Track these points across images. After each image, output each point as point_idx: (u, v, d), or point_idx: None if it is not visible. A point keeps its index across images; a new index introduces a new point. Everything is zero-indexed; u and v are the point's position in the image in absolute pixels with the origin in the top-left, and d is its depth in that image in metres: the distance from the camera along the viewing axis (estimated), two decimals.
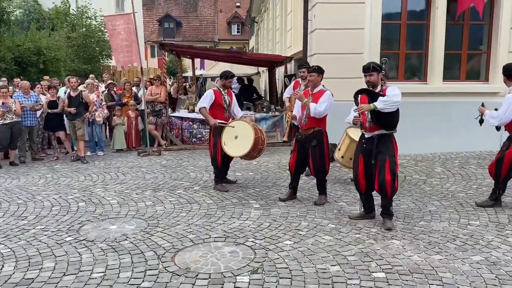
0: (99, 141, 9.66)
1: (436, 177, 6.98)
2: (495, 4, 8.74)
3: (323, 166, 5.53)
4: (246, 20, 35.52)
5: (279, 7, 15.10)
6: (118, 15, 12.06)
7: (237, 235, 4.58)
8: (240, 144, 5.96)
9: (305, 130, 5.53)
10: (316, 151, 5.45)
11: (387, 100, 4.43)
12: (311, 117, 5.42)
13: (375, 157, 4.64)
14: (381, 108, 4.44)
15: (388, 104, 4.43)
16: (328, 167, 5.62)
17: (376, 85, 4.64)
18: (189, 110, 10.69)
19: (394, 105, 4.45)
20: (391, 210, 4.78)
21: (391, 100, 4.43)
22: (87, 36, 21.65)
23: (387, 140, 4.64)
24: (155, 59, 38.71)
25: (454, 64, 9.02)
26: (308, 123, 5.48)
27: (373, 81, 4.63)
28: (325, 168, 5.57)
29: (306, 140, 5.51)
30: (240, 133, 6.02)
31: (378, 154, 4.63)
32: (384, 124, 4.58)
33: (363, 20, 8.45)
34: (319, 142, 5.44)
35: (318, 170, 5.52)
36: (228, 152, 6.08)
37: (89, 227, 4.91)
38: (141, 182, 6.96)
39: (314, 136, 5.45)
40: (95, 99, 9.41)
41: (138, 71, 11.75)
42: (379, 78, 4.64)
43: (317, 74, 5.48)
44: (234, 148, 6.02)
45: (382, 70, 4.66)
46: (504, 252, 4.05)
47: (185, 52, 13.22)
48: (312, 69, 5.54)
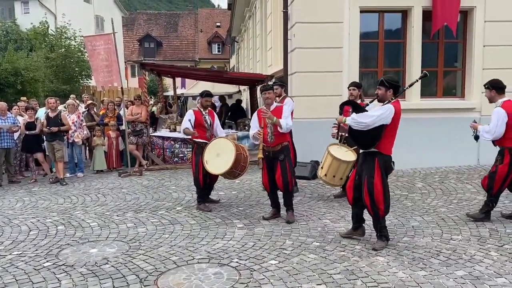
0: (79, 162, 9.49)
1: (417, 192, 7.05)
2: (468, 23, 9.03)
3: (292, 179, 5.61)
4: (226, 39, 35.84)
5: (259, 27, 15.29)
6: (98, 35, 12.03)
7: (221, 256, 4.51)
8: (221, 162, 5.92)
9: (273, 147, 5.57)
10: (285, 164, 5.52)
11: (355, 119, 4.43)
12: (277, 133, 5.50)
13: (359, 174, 4.66)
14: (349, 124, 4.47)
15: (355, 122, 4.42)
16: (295, 180, 5.71)
17: (383, 99, 4.56)
18: (170, 130, 10.63)
19: (360, 125, 4.39)
20: (381, 232, 4.63)
21: (358, 120, 4.40)
22: (66, 56, 21.46)
23: (370, 159, 4.57)
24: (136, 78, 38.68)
25: (431, 81, 9.23)
26: (276, 140, 5.55)
27: (380, 95, 4.58)
28: (292, 182, 5.66)
29: (275, 156, 5.56)
30: (222, 150, 5.99)
31: (361, 172, 4.64)
32: (356, 141, 4.60)
33: (341, 39, 8.62)
34: (286, 156, 5.55)
35: (287, 183, 5.53)
36: (210, 169, 6.01)
37: (68, 251, 4.77)
38: (122, 204, 6.83)
39: (282, 151, 5.54)
40: (75, 119, 9.29)
41: (118, 91, 11.68)
42: (386, 94, 4.51)
43: (273, 90, 5.74)
44: (216, 165, 5.98)
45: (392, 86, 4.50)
46: (487, 266, 4.08)
47: (166, 72, 13.22)
48: (269, 87, 5.72)
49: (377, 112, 4.42)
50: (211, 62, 45.06)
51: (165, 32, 49.19)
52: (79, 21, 25.71)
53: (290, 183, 5.58)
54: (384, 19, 8.96)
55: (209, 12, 54.05)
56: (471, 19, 8.92)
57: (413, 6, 8.69)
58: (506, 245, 4.62)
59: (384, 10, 8.86)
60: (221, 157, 5.94)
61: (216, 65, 42.02)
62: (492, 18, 8.77)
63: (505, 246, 4.58)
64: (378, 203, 4.53)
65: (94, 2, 32.12)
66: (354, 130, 4.48)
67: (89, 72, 20.95)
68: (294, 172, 5.73)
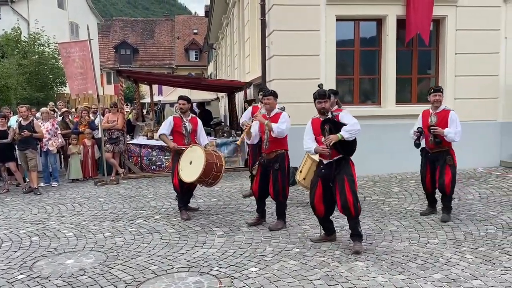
0: (54, 171, 9.28)
1: (394, 197, 7.17)
2: (440, 31, 9.29)
3: (284, 189, 5.54)
4: (203, 46, 35.84)
5: (237, 34, 15.35)
6: (73, 42, 11.85)
7: (201, 264, 4.47)
8: (192, 170, 5.91)
9: (268, 154, 5.55)
10: (278, 174, 5.47)
11: (351, 130, 4.55)
12: (272, 139, 5.47)
13: (333, 180, 4.70)
14: (347, 137, 4.55)
15: (353, 133, 4.57)
16: (288, 191, 5.65)
17: (328, 111, 4.72)
18: (147, 137, 10.52)
19: (357, 133, 4.60)
20: (359, 231, 4.75)
21: (354, 129, 4.57)
22: (40, 63, 21.00)
23: (345, 162, 4.70)
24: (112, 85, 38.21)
25: (406, 87, 9.44)
26: (270, 147, 5.52)
27: (327, 108, 4.72)
28: (285, 192, 5.57)
29: (269, 164, 5.53)
30: (194, 159, 5.97)
31: (336, 176, 4.69)
32: (346, 151, 4.67)
33: (318, 47, 8.73)
34: (281, 166, 5.47)
35: (279, 194, 5.51)
36: (182, 177, 6.00)
37: (43, 263, 4.65)
38: (99, 213, 6.70)
39: (276, 160, 5.48)
40: (50, 127, 9.09)
41: (94, 98, 11.51)
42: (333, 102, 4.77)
43: (273, 97, 5.63)
44: (187, 173, 5.96)
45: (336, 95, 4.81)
46: (462, 269, 4.17)
47: (143, 78, 13.11)
48: (269, 93, 5.64)
49: (354, 120, 4.65)
50: (188, 69, 44.94)
51: (141, 39, 48.86)
52: (53, 27, 25.23)
53: (280, 193, 5.51)
54: (360, 27, 9.13)
55: (186, 19, 54.02)
56: (443, 27, 9.18)
57: (387, 15, 8.89)
58: (480, 247, 4.74)
59: (360, 18, 9.03)
60: (193, 165, 5.93)
61: (193, 72, 41.94)
62: (463, 27, 9.05)
63: (480, 249, 4.69)
64: (358, 200, 4.68)
65: (68, 9, 31.59)
66: (347, 142, 4.58)
67: (63, 79, 20.55)
68: (287, 183, 5.59)
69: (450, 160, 5.68)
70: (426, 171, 5.92)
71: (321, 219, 4.98)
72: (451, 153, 5.72)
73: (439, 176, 5.71)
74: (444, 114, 5.70)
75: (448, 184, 5.65)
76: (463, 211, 6.14)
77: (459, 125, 5.60)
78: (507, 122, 9.50)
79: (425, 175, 5.95)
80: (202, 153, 5.92)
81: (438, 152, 5.72)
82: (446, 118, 5.65)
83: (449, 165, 5.67)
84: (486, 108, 9.25)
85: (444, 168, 5.66)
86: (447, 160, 5.66)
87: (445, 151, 5.70)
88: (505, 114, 9.51)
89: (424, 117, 5.92)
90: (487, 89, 9.25)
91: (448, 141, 5.63)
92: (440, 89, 5.83)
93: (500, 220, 5.70)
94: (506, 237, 5.04)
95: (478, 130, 8.78)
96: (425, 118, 5.91)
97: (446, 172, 5.65)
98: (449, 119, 5.62)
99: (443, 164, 5.67)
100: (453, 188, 5.73)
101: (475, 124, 8.83)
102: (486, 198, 6.86)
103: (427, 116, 5.89)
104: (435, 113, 5.78)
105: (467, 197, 6.93)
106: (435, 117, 5.76)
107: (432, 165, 5.83)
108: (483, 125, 9.14)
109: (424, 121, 5.87)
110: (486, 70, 9.19)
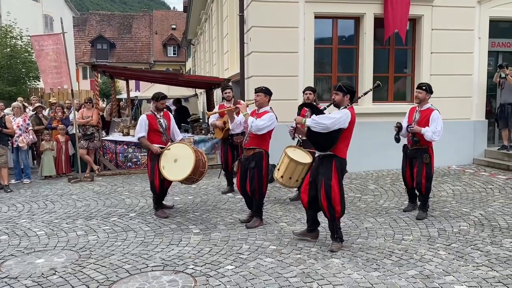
0: (25, 168, 9.02)
1: (370, 194, 7.23)
2: (416, 30, 9.41)
3: (260, 188, 5.49)
4: (182, 42, 35.48)
5: (215, 30, 15.23)
6: (46, 35, 11.51)
7: (176, 262, 4.41)
8: (180, 168, 5.78)
9: (247, 151, 5.51)
10: (254, 172, 5.43)
11: (315, 120, 4.48)
12: (252, 136, 5.42)
13: (316, 176, 4.69)
14: (309, 125, 4.50)
15: (315, 123, 4.46)
16: (265, 189, 5.61)
17: (339, 105, 4.62)
18: (123, 134, 10.33)
19: (320, 125, 4.44)
20: (337, 233, 4.70)
21: (318, 121, 4.46)
22: (12, 56, 20.38)
23: (327, 161, 4.60)
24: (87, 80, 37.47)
25: (382, 86, 9.52)
26: (249, 142, 5.48)
27: (337, 101, 4.63)
28: (261, 191, 5.52)
29: (246, 161, 5.50)
30: (180, 156, 5.84)
31: (318, 175, 4.66)
32: (314, 142, 4.64)
33: (297, 44, 8.73)
34: (257, 164, 5.42)
35: (255, 192, 5.48)
36: (168, 176, 5.85)
37: (12, 263, 4.50)
38: (72, 211, 6.55)
39: (253, 158, 5.43)
40: (21, 123, 8.82)
41: (69, 93, 11.24)
42: (344, 99, 4.59)
43: (264, 94, 5.53)
44: (174, 172, 5.82)
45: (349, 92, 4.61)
46: (436, 265, 4.23)
47: (119, 74, 12.87)
48: (260, 89, 5.56)
49: (336, 115, 4.50)
50: (166, 65, 44.48)
51: (118, 34, 48.05)
52: (26, 20, 24.51)
53: (257, 191, 5.46)
54: (338, 25, 9.17)
55: (164, 14, 53.36)
56: (419, 27, 9.31)
57: (365, 13, 8.95)
58: (453, 244, 4.82)
59: (338, 16, 9.06)
60: (179, 163, 5.80)
61: (171, 68, 41.52)
62: (438, 26, 9.20)
63: (453, 245, 4.77)
64: (335, 205, 4.58)
65: (42, 1, 30.71)
66: (312, 131, 4.52)
67: (37, 73, 20.00)
68: (264, 182, 5.52)
69: (427, 159, 5.73)
70: (406, 167, 6.01)
71: (306, 211, 4.93)
72: (430, 152, 5.77)
73: (416, 174, 5.79)
74: (427, 113, 5.73)
75: (424, 183, 5.73)
76: (437, 208, 6.24)
77: (440, 125, 5.62)
78: (480, 121, 9.72)
79: (405, 171, 6.04)
80: (189, 150, 5.82)
81: (417, 149, 5.79)
82: (428, 116, 5.69)
83: (425, 163, 5.73)
84: (460, 107, 9.44)
85: (421, 167, 5.74)
86: (423, 159, 5.73)
87: (424, 149, 5.75)
88: (478, 113, 9.72)
89: (410, 114, 5.99)
90: (461, 88, 9.44)
91: (427, 140, 5.68)
92: (422, 86, 5.82)
93: (473, 216, 5.82)
94: (478, 234, 5.14)
95: (452, 129, 8.93)
96: (410, 114, 5.97)
97: (422, 171, 5.73)
98: (431, 118, 5.66)
99: (420, 163, 5.75)
100: (429, 187, 5.80)
101: (450, 122, 8.95)
102: (460, 195, 6.99)
103: (412, 112, 5.95)
104: (420, 110, 5.84)
105: (441, 194, 7.05)
106: (418, 114, 5.81)
107: (411, 161, 5.92)
108: (457, 124, 9.31)
109: (410, 118, 5.93)
110: (461, 69, 9.37)
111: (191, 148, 5.87)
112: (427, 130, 5.60)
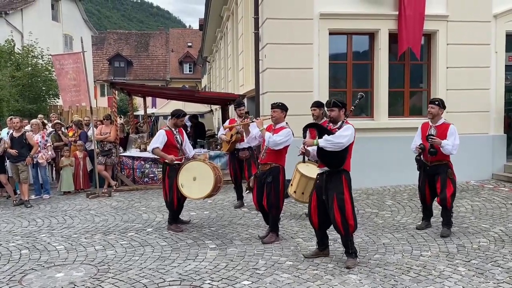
0: (45, 184, 9.19)
1: (387, 209, 7.17)
2: (431, 45, 9.40)
3: (277, 203, 5.50)
4: (198, 59, 35.98)
5: (231, 47, 15.44)
6: (67, 54, 11.83)
7: (193, 277, 4.42)
8: (200, 186, 5.88)
9: (263, 165, 5.54)
10: (271, 187, 5.44)
11: (330, 140, 4.44)
12: (269, 151, 5.46)
13: (326, 193, 4.66)
14: (323, 146, 4.46)
15: (330, 144, 4.43)
16: (282, 204, 5.61)
17: (336, 120, 4.68)
18: (140, 149, 10.47)
19: (337, 145, 4.43)
20: (352, 248, 4.66)
21: (334, 141, 4.43)
22: (33, 75, 20.92)
23: (336, 177, 4.59)
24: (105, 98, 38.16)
25: (398, 101, 9.51)
26: (267, 158, 5.51)
27: (334, 117, 4.68)
28: (278, 205, 5.53)
29: (263, 176, 5.52)
30: (199, 174, 5.93)
31: (327, 191, 4.63)
32: (327, 162, 4.59)
33: (311, 60, 8.80)
34: (274, 179, 5.44)
35: (271, 206, 5.48)
36: (188, 195, 5.96)
37: (32, 276, 4.58)
38: (90, 226, 6.63)
39: (270, 173, 5.45)
40: (40, 139, 9.03)
41: (87, 110, 11.47)
42: (340, 114, 4.65)
43: (280, 110, 5.58)
44: (194, 190, 5.92)
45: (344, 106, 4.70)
46: (455, 282, 4.16)
47: (136, 91, 13.09)
48: (276, 105, 5.61)
49: (346, 132, 4.50)
50: (182, 81, 45.00)
51: (135, 52, 48.94)
52: (47, 39, 25.19)
53: (274, 206, 5.47)
54: (352, 41, 9.22)
55: (180, 32, 54.24)
56: (435, 42, 9.30)
57: (380, 29, 8.99)
58: (473, 260, 4.74)
59: (352, 32, 9.12)
60: (199, 180, 5.90)
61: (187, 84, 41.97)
62: (454, 41, 9.17)
63: (472, 261, 4.69)
64: (349, 219, 4.55)
65: (62, 21, 31.59)
66: (323, 151, 4.49)
67: (56, 91, 20.45)
68: (281, 197, 5.52)
69: (451, 174, 5.67)
70: (425, 185, 5.87)
71: (316, 232, 4.95)
72: (450, 167, 5.70)
73: (440, 190, 5.66)
74: (444, 127, 5.67)
75: (449, 198, 5.64)
76: (456, 223, 6.15)
77: (458, 139, 5.56)
78: (498, 135, 9.59)
79: (425, 189, 5.89)
80: (208, 168, 5.91)
81: (437, 165, 5.69)
82: (446, 131, 5.62)
83: (450, 178, 5.65)
84: (477, 121, 9.33)
85: (446, 182, 5.64)
86: (448, 174, 5.64)
87: (444, 164, 5.67)
88: (496, 128, 9.59)
89: (423, 130, 5.88)
90: (478, 103, 9.34)
91: (445, 154, 5.61)
92: (434, 101, 5.78)
93: (493, 232, 5.72)
94: (499, 250, 5.05)
95: (470, 144, 8.81)
96: (424, 130, 5.87)
97: (448, 186, 5.63)
98: (449, 132, 5.60)
99: (444, 178, 5.64)
100: (453, 202, 5.72)
101: (467, 137, 8.86)
102: (479, 211, 6.88)
103: (426, 128, 5.85)
104: (435, 126, 5.76)
105: (459, 210, 6.95)
106: (435, 130, 5.73)
107: (431, 178, 5.78)
108: (475, 139, 9.20)
109: (423, 134, 5.83)
110: (477, 84, 9.29)
111: (208, 165, 5.95)
112: (447, 143, 5.53)
